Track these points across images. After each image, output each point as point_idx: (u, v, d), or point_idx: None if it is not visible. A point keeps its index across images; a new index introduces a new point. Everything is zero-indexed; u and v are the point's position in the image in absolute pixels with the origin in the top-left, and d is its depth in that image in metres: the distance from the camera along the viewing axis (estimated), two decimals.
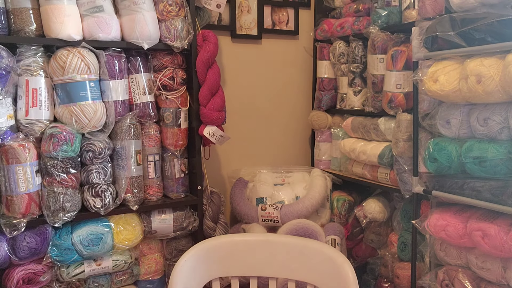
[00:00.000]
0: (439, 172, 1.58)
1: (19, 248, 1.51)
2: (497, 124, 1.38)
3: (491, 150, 1.37)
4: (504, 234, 1.34)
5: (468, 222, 1.45)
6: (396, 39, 1.95)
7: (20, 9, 1.51)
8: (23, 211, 1.50)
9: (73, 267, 1.63)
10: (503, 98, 1.32)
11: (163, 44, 1.74)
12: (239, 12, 2.36)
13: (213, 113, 1.84)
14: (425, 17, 1.68)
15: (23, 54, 1.53)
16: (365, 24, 2.11)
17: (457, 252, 1.52)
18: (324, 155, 2.45)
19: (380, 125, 1.99)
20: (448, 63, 1.47)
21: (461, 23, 1.42)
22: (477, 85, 1.35)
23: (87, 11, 1.60)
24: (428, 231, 1.57)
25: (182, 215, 1.83)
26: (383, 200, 2.14)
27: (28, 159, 1.49)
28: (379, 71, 1.99)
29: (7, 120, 1.47)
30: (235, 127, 2.37)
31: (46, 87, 1.56)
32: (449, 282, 1.54)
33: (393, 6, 1.97)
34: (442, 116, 1.55)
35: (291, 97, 2.57)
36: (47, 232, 1.57)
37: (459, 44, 1.43)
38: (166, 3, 1.72)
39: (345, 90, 2.30)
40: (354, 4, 2.24)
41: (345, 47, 2.27)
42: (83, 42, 1.58)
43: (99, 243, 1.62)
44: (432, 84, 1.50)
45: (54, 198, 1.53)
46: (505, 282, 1.38)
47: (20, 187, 1.48)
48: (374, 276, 2.18)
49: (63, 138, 1.52)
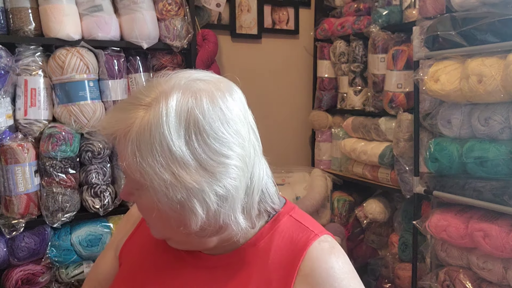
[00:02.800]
0: (440, 172, 1.57)
1: (18, 248, 1.51)
2: (498, 124, 1.37)
3: (492, 150, 1.37)
4: (505, 235, 1.33)
5: (469, 223, 1.45)
6: (397, 38, 1.94)
7: (19, 8, 1.50)
8: (22, 212, 1.49)
9: (72, 268, 1.62)
10: (504, 97, 1.32)
11: (163, 44, 1.73)
12: (239, 11, 2.35)
13: None
14: (426, 17, 1.67)
15: (22, 54, 1.52)
16: (366, 23, 2.11)
17: (458, 252, 1.52)
18: (324, 155, 2.44)
19: (381, 125, 1.98)
20: (449, 63, 1.47)
21: (462, 23, 1.41)
22: (478, 84, 1.34)
23: (86, 10, 1.59)
24: (429, 232, 1.57)
25: None
26: (384, 200, 2.13)
27: (27, 159, 1.48)
28: (380, 70, 1.99)
29: (5, 120, 1.46)
30: None
31: (45, 87, 1.55)
32: (450, 282, 1.54)
33: (394, 5, 1.96)
34: (443, 116, 1.54)
35: (291, 97, 2.57)
36: (46, 233, 1.57)
37: (460, 44, 1.43)
38: (166, 2, 1.72)
39: (346, 90, 2.29)
40: (354, 3, 2.24)
41: (346, 47, 2.26)
42: (82, 41, 1.57)
43: (98, 243, 1.62)
44: (433, 83, 1.49)
45: (53, 198, 1.53)
46: (506, 283, 1.38)
47: (19, 187, 1.48)
48: (374, 277, 2.17)
49: (62, 138, 1.52)
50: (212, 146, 0.62)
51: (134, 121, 0.63)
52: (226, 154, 0.63)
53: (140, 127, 0.62)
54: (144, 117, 0.62)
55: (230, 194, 0.64)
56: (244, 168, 0.65)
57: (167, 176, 0.61)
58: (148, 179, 0.62)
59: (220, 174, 0.62)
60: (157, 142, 0.61)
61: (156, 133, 0.61)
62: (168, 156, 0.61)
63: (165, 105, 0.62)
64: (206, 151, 0.62)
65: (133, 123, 0.62)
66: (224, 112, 0.64)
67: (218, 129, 0.62)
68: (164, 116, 0.61)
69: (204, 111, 0.62)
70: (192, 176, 0.61)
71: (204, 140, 0.61)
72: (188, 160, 0.61)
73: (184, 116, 0.61)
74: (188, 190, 0.61)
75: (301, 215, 0.77)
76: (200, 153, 0.61)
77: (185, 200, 0.62)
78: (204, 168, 0.62)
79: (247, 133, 0.67)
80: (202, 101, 0.63)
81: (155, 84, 0.66)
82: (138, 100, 0.65)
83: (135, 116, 0.63)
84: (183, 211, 0.63)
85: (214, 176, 0.62)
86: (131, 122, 0.63)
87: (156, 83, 0.66)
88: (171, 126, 0.61)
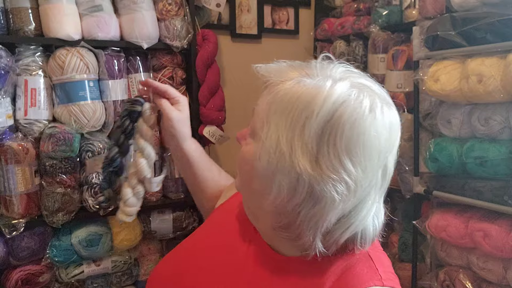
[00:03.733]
0: (440, 172, 1.57)
1: (18, 248, 1.51)
2: (498, 124, 1.37)
3: (492, 150, 1.37)
4: (505, 235, 1.34)
5: (469, 223, 1.45)
6: (397, 38, 1.94)
7: (19, 8, 1.50)
8: (22, 212, 1.49)
9: (72, 268, 1.62)
10: (504, 97, 1.32)
11: (163, 44, 1.73)
12: (239, 11, 2.35)
13: (212, 112, 1.84)
14: (426, 17, 1.67)
15: (22, 54, 1.52)
16: (366, 23, 2.11)
17: (458, 252, 1.52)
18: None
19: None
20: (449, 63, 1.47)
21: (462, 23, 1.41)
22: (478, 84, 1.34)
23: (86, 10, 1.59)
24: (429, 232, 1.57)
25: (181, 216, 1.82)
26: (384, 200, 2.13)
27: (27, 159, 1.48)
28: (380, 70, 1.99)
29: (5, 120, 1.46)
30: (235, 127, 2.35)
31: (45, 87, 1.55)
32: (450, 282, 1.54)
33: (394, 5, 1.96)
34: (443, 116, 1.54)
35: None
36: (46, 233, 1.57)
37: (460, 44, 1.43)
38: (166, 2, 1.71)
39: None
40: (354, 3, 2.24)
41: (346, 47, 2.26)
42: (82, 41, 1.57)
43: (98, 243, 1.61)
44: (433, 83, 1.49)
45: (53, 198, 1.52)
46: (506, 283, 1.38)
47: (19, 187, 1.48)
48: None
49: (62, 138, 1.51)
50: (339, 150, 0.59)
51: (292, 80, 0.61)
52: (346, 166, 0.59)
53: (293, 89, 0.60)
54: (303, 84, 0.60)
55: (321, 202, 0.60)
56: (352, 192, 0.60)
57: (283, 146, 0.59)
58: (265, 135, 0.60)
59: (328, 178, 0.59)
60: (298, 113, 0.59)
61: (303, 105, 0.59)
62: (297, 132, 0.59)
63: (329, 88, 0.59)
64: (332, 150, 0.59)
65: (289, 80, 0.61)
66: (374, 124, 0.59)
67: (356, 139, 0.59)
68: (321, 97, 0.58)
69: (355, 113, 0.58)
70: (302, 161, 0.58)
71: (337, 141, 0.58)
72: (311, 147, 0.58)
73: (336, 107, 0.58)
74: (290, 168, 0.59)
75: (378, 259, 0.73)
76: (325, 148, 0.59)
77: (280, 174, 0.60)
78: (319, 163, 0.59)
79: (377, 163, 0.62)
80: (362, 103, 0.59)
81: (332, 67, 0.64)
82: (308, 68, 0.63)
83: (297, 77, 0.61)
84: (271, 182, 0.61)
85: (321, 174, 0.59)
86: (289, 78, 0.61)
87: (334, 67, 0.64)
88: (321, 111, 0.58)
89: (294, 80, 0.61)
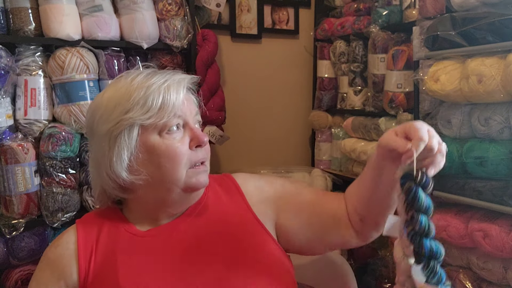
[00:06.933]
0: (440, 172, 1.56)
1: (17, 248, 1.51)
2: (498, 124, 1.37)
3: (492, 150, 1.37)
4: (505, 235, 1.33)
5: (469, 223, 1.44)
6: (397, 38, 1.94)
7: (19, 8, 1.50)
8: (22, 212, 1.49)
9: None
10: (504, 97, 1.31)
11: (163, 44, 1.73)
12: (239, 11, 2.35)
13: (212, 112, 1.84)
14: (426, 17, 1.67)
15: (22, 54, 1.52)
16: (366, 23, 2.11)
17: (458, 252, 1.52)
18: (324, 155, 2.44)
19: (381, 125, 1.98)
20: (449, 63, 1.47)
21: (462, 23, 1.41)
22: (478, 84, 1.34)
23: (86, 10, 1.59)
24: None
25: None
26: None
27: (26, 159, 1.48)
28: (380, 70, 1.99)
29: (5, 120, 1.46)
30: (235, 127, 2.36)
31: (45, 87, 1.55)
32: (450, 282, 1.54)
33: (394, 5, 1.96)
34: (443, 116, 1.54)
35: (291, 97, 2.56)
36: (46, 233, 1.57)
37: (460, 44, 1.43)
38: (166, 2, 1.72)
39: (346, 90, 2.29)
40: (354, 3, 2.24)
41: (346, 47, 2.26)
42: (82, 41, 1.57)
43: None
44: (433, 83, 1.49)
45: (53, 198, 1.53)
46: (506, 283, 1.38)
47: (19, 187, 1.48)
48: (374, 277, 2.17)
49: (62, 138, 1.51)
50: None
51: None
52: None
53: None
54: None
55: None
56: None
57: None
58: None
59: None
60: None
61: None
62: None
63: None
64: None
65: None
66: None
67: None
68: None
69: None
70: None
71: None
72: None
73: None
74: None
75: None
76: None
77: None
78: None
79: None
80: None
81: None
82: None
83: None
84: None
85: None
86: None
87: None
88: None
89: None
